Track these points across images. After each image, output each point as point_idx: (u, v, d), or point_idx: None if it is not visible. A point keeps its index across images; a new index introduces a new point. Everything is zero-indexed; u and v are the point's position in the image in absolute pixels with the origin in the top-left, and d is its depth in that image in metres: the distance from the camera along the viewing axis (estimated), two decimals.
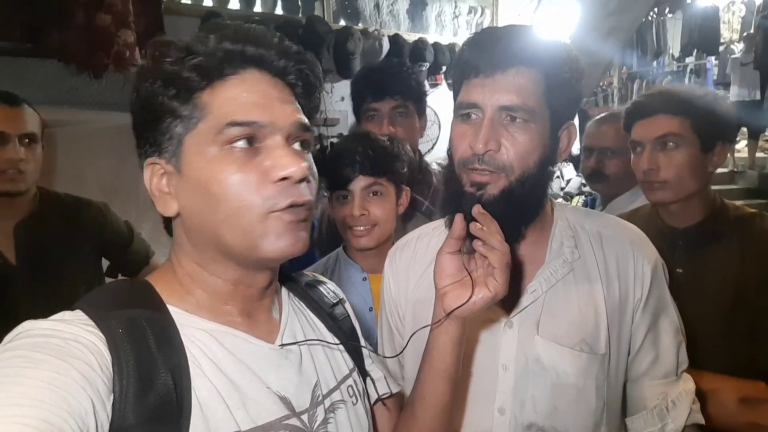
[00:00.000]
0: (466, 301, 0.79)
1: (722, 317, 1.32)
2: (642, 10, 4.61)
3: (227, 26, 0.68)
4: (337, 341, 0.84)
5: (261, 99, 0.66)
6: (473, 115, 0.91)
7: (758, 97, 6.76)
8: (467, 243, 0.83)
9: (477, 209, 0.81)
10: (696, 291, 1.31)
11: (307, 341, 0.78)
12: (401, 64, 1.90)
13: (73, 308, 0.63)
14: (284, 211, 0.65)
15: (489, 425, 0.96)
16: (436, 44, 3.93)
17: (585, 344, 0.94)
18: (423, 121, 1.83)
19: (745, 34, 8.18)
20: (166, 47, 0.66)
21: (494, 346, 0.97)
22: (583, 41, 3.87)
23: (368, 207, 1.34)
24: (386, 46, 3.56)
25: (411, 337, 0.88)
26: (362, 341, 0.92)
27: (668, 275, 1.05)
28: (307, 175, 0.67)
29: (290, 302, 0.82)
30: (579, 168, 2.06)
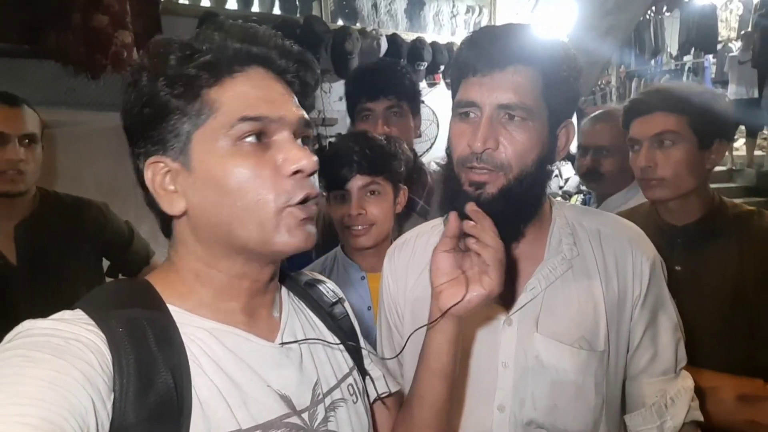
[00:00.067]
0: (461, 300, 0.79)
1: (721, 315, 1.32)
2: (640, 9, 4.62)
3: (232, 25, 0.68)
4: (337, 340, 0.84)
5: (269, 95, 0.67)
6: (471, 114, 0.91)
7: (756, 95, 6.76)
8: (463, 241, 0.83)
9: (470, 207, 0.81)
10: (694, 288, 1.31)
11: (307, 340, 0.78)
12: (395, 64, 1.89)
13: (73, 307, 0.63)
14: (297, 207, 0.67)
15: (489, 423, 0.96)
16: (434, 44, 3.93)
17: (584, 341, 0.94)
18: (417, 121, 1.83)
19: (743, 33, 8.19)
20: (169, 45, 0.66)
21: (494, 344, 0.97)
22: (581, 40, 3.87)
23: (366, 206, 1.34)
24: (384, 46, 3.56)
25: (409, 338, 0.88)
26: (361, 340, 0.92)
27: (667, 273, 1.05)
28: (317, 169, 0.69)
29: (290, 301, 0.82)
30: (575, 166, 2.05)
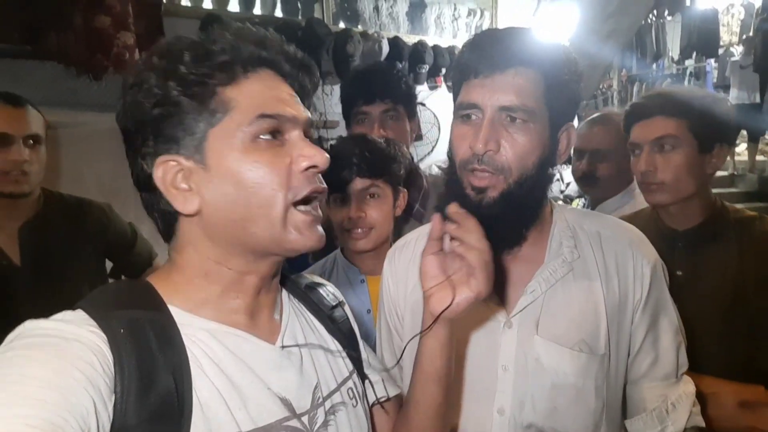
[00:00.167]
0: (450, 304, 0.78)
1: (722, 319, 1.32)
2: (641, 13, 4.62)
3: (243, 28, 0.70)
4: (338, 345, 0.84)
5: (280, 95, 0.69)
6: (473, 116, 0.91)
7: (758, 100, 6.75)
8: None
9: (452, 208, 0.80)
10: (696, 293, 1.31)
11: (308, 345, 0.78)
12: (391, 67, 1.89)
13: (75, 308, 0.63)
14: (303, 207, 0.69)
15: (488, 426, 0.95)
16: (436, 47, 3.93)
17: (584, 344, 0.94)
18: (413, 124, 1.82)
19: (745, 37, 8.20)
20: (181, 45, 0.66)
21: (493, 347, 0.96)
22: (583, 44, 3.87)
23: (365, 209, 1.33)
24: (386, 49, 3.56)
25: (407, 345, 0.87)
26: (361, 344, 0.91)
27: (668, 277, 1.04)
28: (329, 165, 0.71)
29: (290, 304, 0.82)
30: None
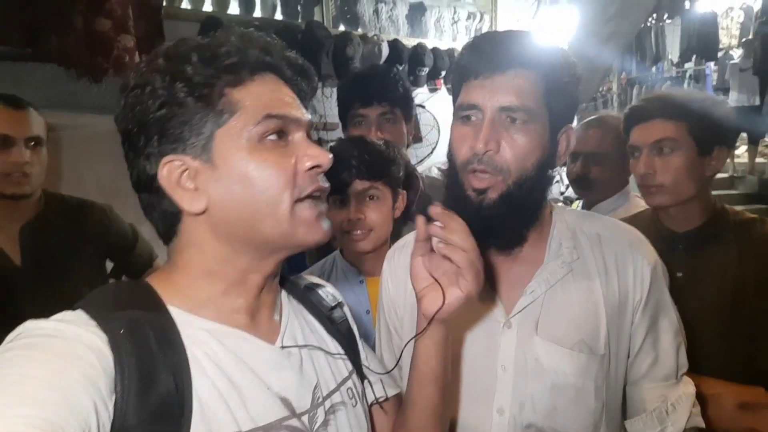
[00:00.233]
0: (442, 305, 0.78)
1: (722, 321, 1.31)
2: (641, 16, 4.62)
3: (248, 32, 0.71)
4: (338, 345, 0.85)
5: (285, 98, 0.71)
6: (473, 117, 0.91)
7: (757, 103, 6.76)
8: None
9: (433, 210, 0.78)
10: (696, 295, 1.31)
11: (308, 346, 0.78)
12: (388, 71, 1.90)
13: (75, 308, 0.63)
14: (309, 201, 0.70)
15: (488, 426, 0.95)
16: (435, 49, 3.95)
17: (584, 345, 0.94)
18: (410, 127, 1.83)
19: (744, 40, 8.20)
20: (188, 47, 0.67)
21: (493, 347, 0.96)
22: (582, 47, 3.87)
23: (365, 211, 1.33)
24: (385, 52, 3.57)
25: (405, 347, 0.87)
26: (360, 344, 0.92)
27: (668, 278, 1.04)
28: (331, 165, 0.73)
29: (290, 304, 0.82)
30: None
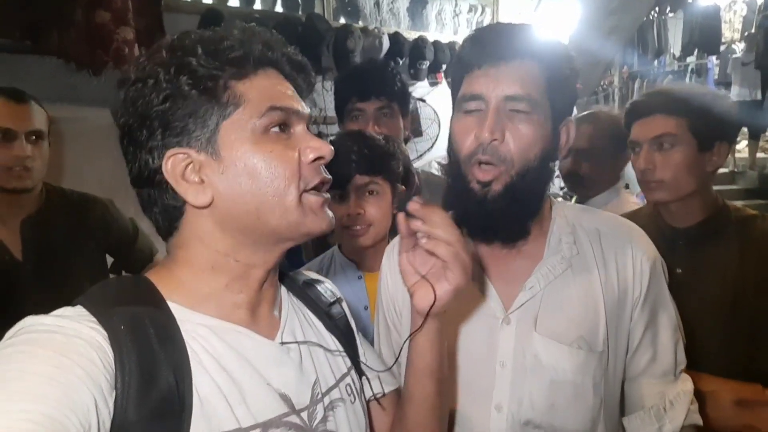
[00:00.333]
0: (434, 300, 0.78)
1: (721, 318, 1.31)
2: (643, 9, 4.61)
3: (251, 27, 0.72)
4: (336, 341, 0.85)
5: (287, 92, 0.72)
6: (476, 108, 0.91)
7: (759, 97, 6.75)
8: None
9: (411, 206, 0.78)
10: (695, 291, 1.31)
11: (308, 342, 0.79)
12: (386, 65, 1.89)
13: (74, 304, 0.63)
14: (315, 192, 0.71)
15: (486, 422, 0.95)
16: (437, 42, 3.92)
17: (583, 341, 0.94)
18: (407, 122, 1.83)
19: (747, 34, 8.17)
20: (192, 41, 0.68)
21: (492, 343, 0.96)
22: (584, 40, 3.86)
23: (364, 206, 1.33)
24: (386, 44, 3.55)
25: (404, 345, 0.87)
26: (358, 340, 0.92)
27: (668, 275, 1.04)
28: (333, 156, 0.74)
29: (289, 300, 0.82)
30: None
